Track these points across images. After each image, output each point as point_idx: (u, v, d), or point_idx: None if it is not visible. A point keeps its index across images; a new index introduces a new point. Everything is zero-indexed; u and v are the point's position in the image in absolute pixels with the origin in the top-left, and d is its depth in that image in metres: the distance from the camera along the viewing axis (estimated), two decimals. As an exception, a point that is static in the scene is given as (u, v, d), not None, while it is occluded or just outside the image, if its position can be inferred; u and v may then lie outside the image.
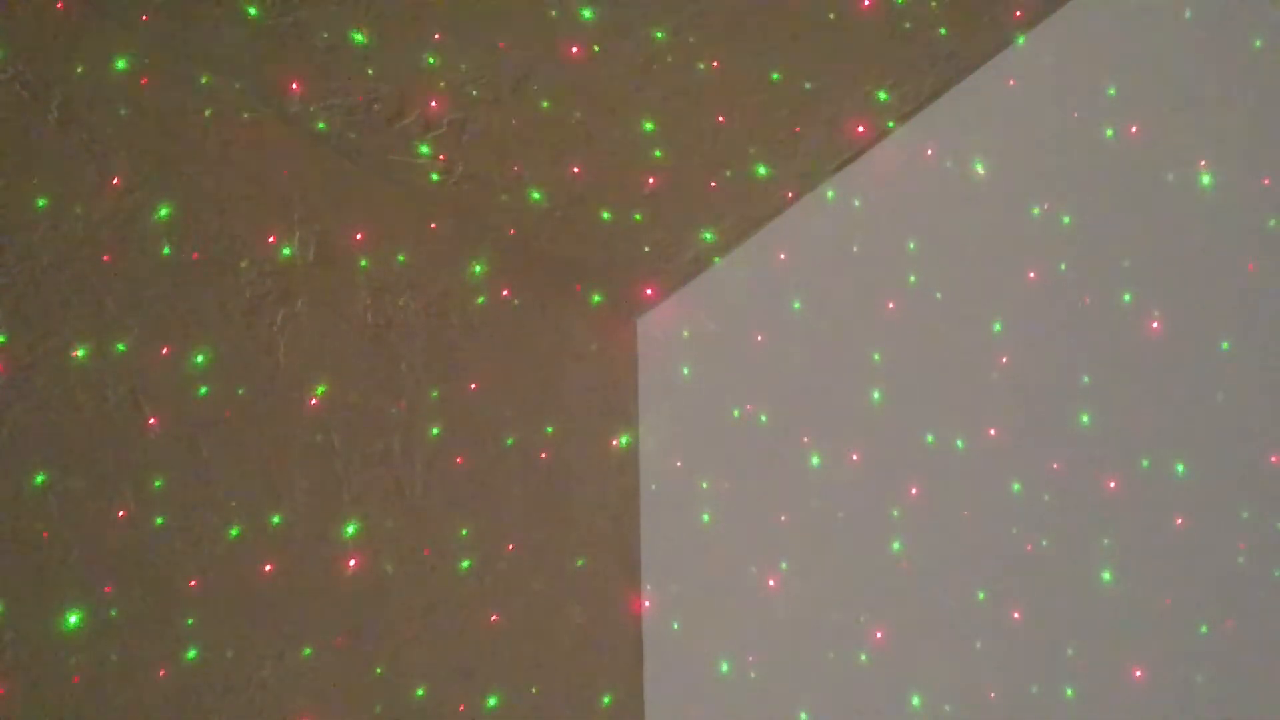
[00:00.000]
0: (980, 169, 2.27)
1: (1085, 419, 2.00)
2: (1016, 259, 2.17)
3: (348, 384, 2.36)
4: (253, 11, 2.15)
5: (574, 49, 2.26)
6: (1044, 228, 2.13)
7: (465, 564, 2.46)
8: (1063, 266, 2.09)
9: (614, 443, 2.82)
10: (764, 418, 2.58)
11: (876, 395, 2.35)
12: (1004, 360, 2.14)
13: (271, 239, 2.30)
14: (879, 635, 2.23)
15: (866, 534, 2.30)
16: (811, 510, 2.44)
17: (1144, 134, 2.02)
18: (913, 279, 2.33)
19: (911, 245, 2.35)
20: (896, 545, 2.25)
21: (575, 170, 2.54)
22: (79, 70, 2.10)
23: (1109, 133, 2.07)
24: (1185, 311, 1.90)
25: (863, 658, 2.25)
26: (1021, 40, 2.23)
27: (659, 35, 2.21)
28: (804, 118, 2.41)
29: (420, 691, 2.31)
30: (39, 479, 1.93)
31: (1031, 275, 2.13)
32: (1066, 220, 2.10)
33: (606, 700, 2.61)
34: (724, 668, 2.53)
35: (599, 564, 2.70)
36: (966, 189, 2.28)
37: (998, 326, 2.16)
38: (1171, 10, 2.02)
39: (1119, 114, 2.06)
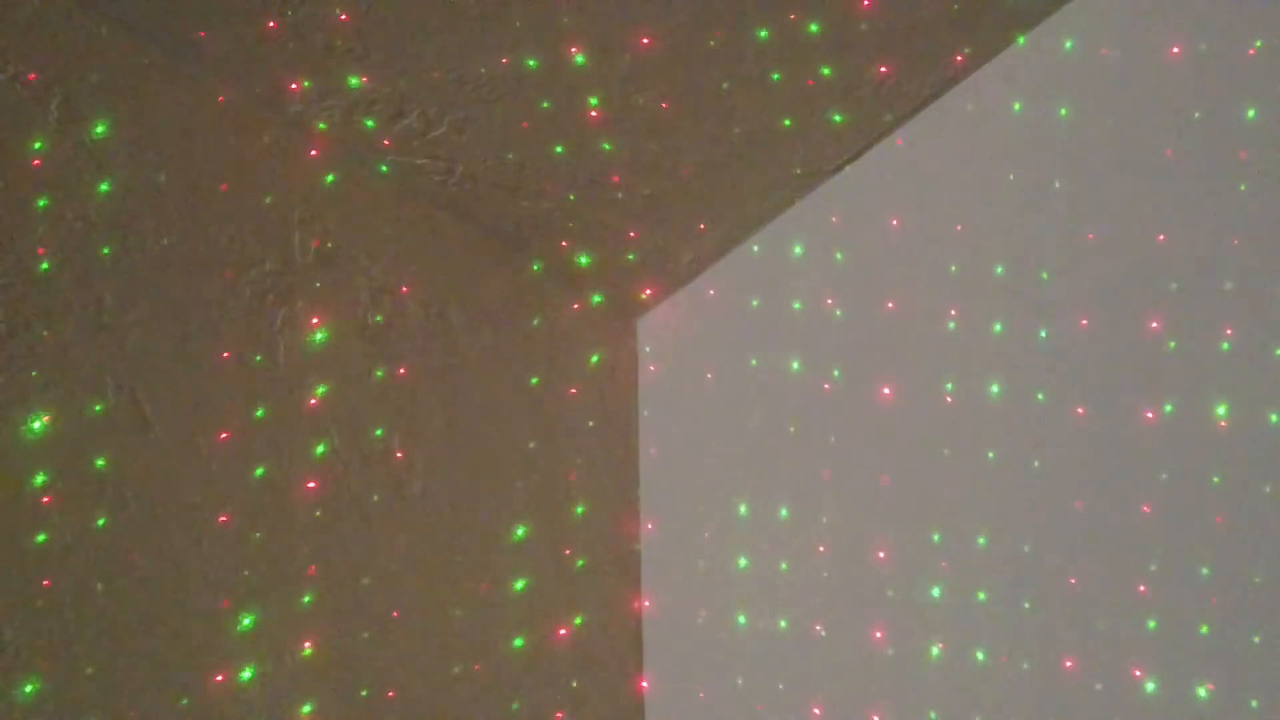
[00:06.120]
0: (982, 168, 2.27)
1: (1087, 414, 2.00)
2: (1020, 257, 2.17)
3: (348, 384, 2.36)
4: (253, 11, 2.15)
5: (574, 49, 2.26)
6: (1048, 224, 2.13)
7: (465, 563, 2.46)
8: (1066, 265, 2.09)
9: (614, 442, 2.82)
10: (764, 418, 2.58)
11: (876, 396, 2.35)
12: (1006, 360, 2.14)
13: (271, 239, 2.30)
14: (879, 635, 2.23)
15: (869, 533, 2.30)
16: (813, 510, 2.44)
17: (1144, 134, 2.02)
18: (914, 279, 2.33)
19: (912, 246, 2.35)
20: (899, 543, 2.25)
21: (575, 170, 2.54)
22: (79, 70, 2.10)
23: (1110, 132, 2.07)
24: (1191, 314, 1.90)
25: (864, 656, 2.25)
26: (1022, 40, 2.23)
27: (653, 37, 2.22)
28: (803, 117, 2.41)
29: (420, 692, 2.31)
30: (39, 479, 1.92)
31: (1034, 275, 2.13)
32: (1069, 220, 2.10)
33: (606, 699, 2.61)
34: (725, 667, 2.53)
35: (599, 564, 2.70)
36: (967, 188, 2.28)
37: (998, 327, 2.16)
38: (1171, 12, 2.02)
39: (1119, 114, 2.06)
